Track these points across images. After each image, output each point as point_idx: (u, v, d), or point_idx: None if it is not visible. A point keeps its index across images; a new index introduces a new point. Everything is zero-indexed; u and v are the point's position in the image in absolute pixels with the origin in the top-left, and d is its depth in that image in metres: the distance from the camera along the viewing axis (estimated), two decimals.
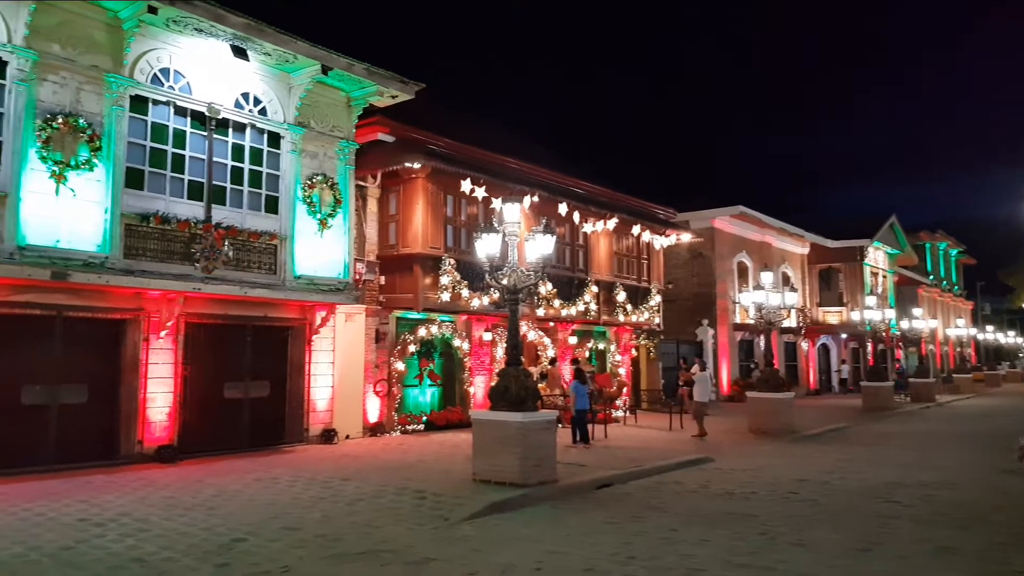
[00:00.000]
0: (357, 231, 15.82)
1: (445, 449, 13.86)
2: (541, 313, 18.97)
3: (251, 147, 13.89)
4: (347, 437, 15.21)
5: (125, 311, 12.22)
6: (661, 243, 23.82)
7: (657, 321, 23.77)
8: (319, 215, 14.59)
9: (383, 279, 16.38)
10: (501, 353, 18.13)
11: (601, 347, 22.43)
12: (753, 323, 20.73)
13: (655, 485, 10.94)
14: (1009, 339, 61.99)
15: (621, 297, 21.57)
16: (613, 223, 21.09)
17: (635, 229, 22.22)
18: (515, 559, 6.88)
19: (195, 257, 12.44)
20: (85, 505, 8.79)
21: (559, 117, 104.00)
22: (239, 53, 13.07)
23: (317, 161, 14.81)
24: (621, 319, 21.72)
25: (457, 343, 17.98)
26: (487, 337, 18.52)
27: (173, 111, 12.80)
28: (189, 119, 12.97)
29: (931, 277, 50.02)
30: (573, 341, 20.99)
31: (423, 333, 17.02)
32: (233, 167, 13.57)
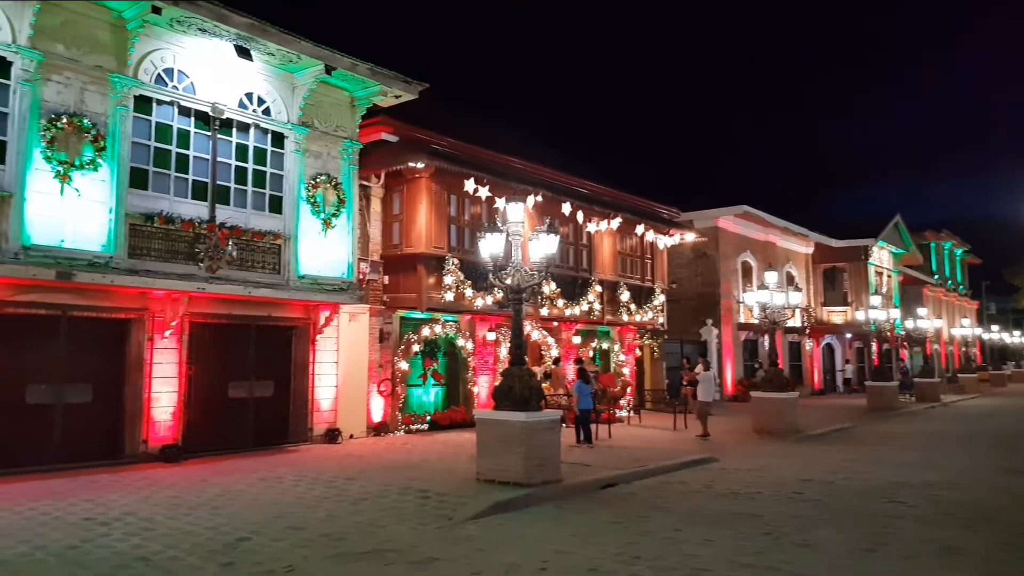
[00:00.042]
0: (361, 231, 15.82)
1: (449, 449, 13.86)
2: (545, 313, 18.96)
3: (255, 147, 13.91)
4: (351, 437, 15.22)
5: (130, 311, 12.25)
6: (665, 243, 23.79)
7: (661, 321, 23.75)
8: (323, 215, 14.60)
9: (387, 279, 16.40)
10: (505, 353, 18.12)
11: (605, 347, 22.41)
12: (757, 323, 20.73)
13: (659, 485, 10.92)
14: (1014, 339, 61.69)
15: (625, 297, 21.54)
16: (617, 223, 21.08)
17: (639, 229, 22.20)
18: (519, 559, 6.87)
19: (199, 257, 12.47)
20: (90, 504, 8.81)
21: (559, 117, 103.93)
22: (243, 53, 13.08)
23: (321, 161, 14.82)
24: (625, 319, 21.70)
25: (461, 343, 17.98)
26: (491, 337, 18.51)
27: (177, 111, 12.82)
28: (193, 119, 12.99)
29: (936, 277, 49.88)
30: (577, 341, 20.98)
31: (427, 333, 17.03)
32: (237, 167, 13.58)
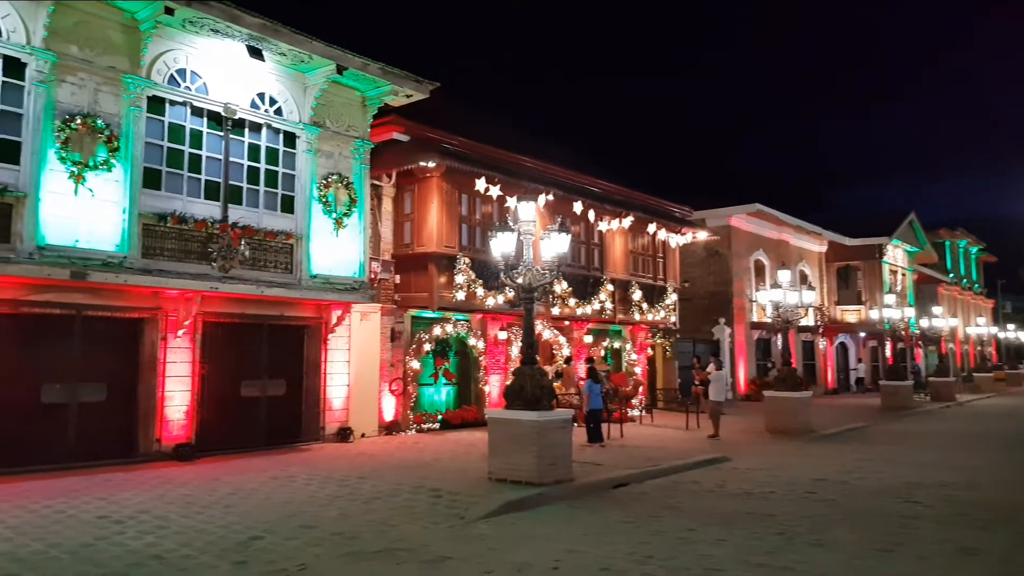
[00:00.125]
0: (372, 230, 15.85)
1: (460, 448, 13.86)
2: (556, 312, 18.92)
3: (267, 147, 13.96)
4: (363, 436, 15.24)
5: (143, 310, 12.32)
6: (677, 241, 23.70)
7: (673, 320, 23.66)
8: (334, 214, 14.64)
9: (398, 278, 16.41)
10: (516, 352, 18.11)
11: (617, 346, 22.34)
12: (770, 322, 20.59)
13: (672, 484, 10.87)
14: None
15: (637, 296, 21.47)
16: (629, 221, 21.02)
17: (651, 227, 22.13)
18: (531, 558, 6.85)
19: (212, 256, 12.53)
20: (104, 502, 8.86)
21: (559, 117, 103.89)
22: (255, 53, 13.13)
23: (332, 160, 14.85)
24: (637, 318, 21.63)
25: (472, 342, 17.98)
26: (502, 336, 18.50)
27: (190, 111, 12.88)
28: (206, 119, 13.05)
29: (951, 275, 49.42)
30: (588, 340, 20.94)
31: (438, 332, 17.04)
32: (249, 167, 13.64)
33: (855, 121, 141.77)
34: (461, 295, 16.19)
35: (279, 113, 14.10)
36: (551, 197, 17.81)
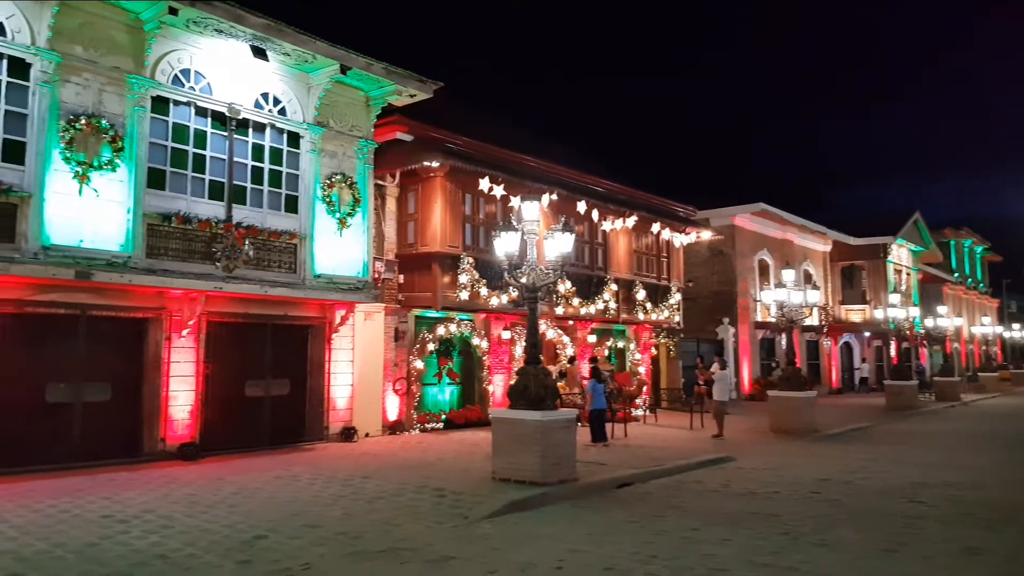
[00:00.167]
0: (376, 230, 15.86)
1: (464, 447, 13.86)
2: (560, 311, 18.91)
3: (271, 147, 13.97)
4: (367, 435, 15.25)
5: (147, 310, 12.34)
6: (681, 241, 23.66)
7: (677, 319, 23.63)
8: (338, 214, 14.65)
9: (402, 278, 16.42)
10: (520, 352, 18.12)
11: (620, 345, 22.33)
12: (774, 321, 20.55)
13: (676, 484, 10.86)
14: None
15: (641, 295, 21.44)
16: (632, 221, 20.99)
17: (655, 227, 22.10)
18: (535, 558, 6.85)
19: (216, 256, 12.54)
20: (109, 502, 8.88)
21: (561, 117, 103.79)
22: (259, 53, 13.14)
23: (336, 160, 14.87)
24: (641, 317, 21.60)
25: (476, 341, 17.98)
26: (506, 336, 18.50)
27: (194, 112, 12.90)
28: (210, 119, 13.07)
29: (956, 275, 49.28)
30: (592, 340, 20.92)
31: (442, 332, 17.04)
32: (253, 167, 13.66)
33: (855, 121, 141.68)
34: (465, 295, 16.19)
35: (283, 113, 14.11)
36: (555, 197, 17.79)
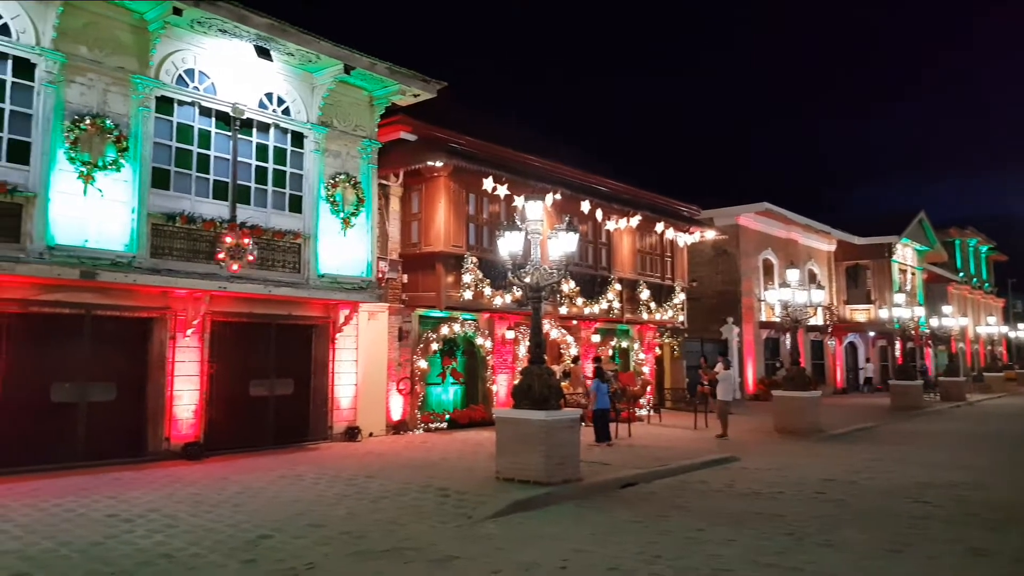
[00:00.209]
0: (380, 230, 15.86)
1: (468, 447, 13.86)
2: (564, 311, 18.91)
3: (275, 147, 13.99)
4: (370, 435, 15.26)
5: (152, 310, 12.36)
6: (685, 240, 23.64)
7: (681, 319, 23.61)
8: (342, 214, 14.66)
9: (406, 277, 16.42)
10: (524, 351, 18.11)
11: (624, 345, 22.31)
12: (779, 321, 20.51)
13: (680, 484, 10.84)
14: None
15: (645, 295, 21.43)
16: (636, 220, 20.96)
17: (659, 226, 22.07)
18: (539, 557, 6.84)
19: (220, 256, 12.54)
20: (113, 501, 8.89)
21: (561, 117, 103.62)
22: (263, 53, 13.16)
23: (340, 160, 14.88)
24: (645, 317, 21.59)
25: (480, 341, 17.98)
26: (509, 335, 18.49)
27: (198, 111, 12.92)
28: (214, 119, 13.09)
29: (961, 274, 49.17)
30: (596, 339, 20.89)
31: (446, 331, 17.05)
32: (257, 167, 13.68)
33: (855, 121, 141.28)
34: (468, 294, 16.19)
35: (287, 113, 14.13)
36: (559, 196, 17.79)
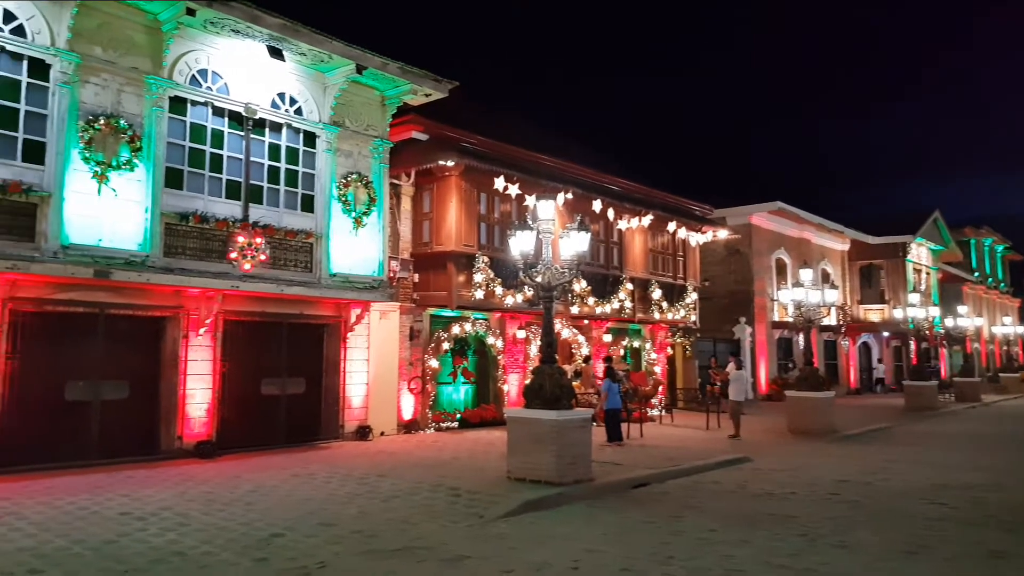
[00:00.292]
0: (391, 229, 15.88)
1: (479, 447, 13.85)
2: (575, 311, 18.86)
3: (287, 146, 14.03)
4: (382, 434, 15.28)
5: (165, 309, 12.42)
6: (697, 240, 23.54)
7: (693, 319, 23.50)
8: (354, 213, 14.68)
9: (417, 277, 16.43)
10: (535, 351, 18.08)
11: (636, 345, 22.24)
12: (792, 321, 20.39)
13: (693, 485, 10.79)
14: None
15: (656, 295, 21.35)
16: (648, 220, 20.88)
17: (671, 226, 21.99)
18: (551, 557, 6.82)
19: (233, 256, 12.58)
20: (126, 499, 8.94)
21: (561, 117, 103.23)
22: (275, 53, 13.20)
23: (352, 160, 14.90)
24: (656, 317, 21.51)
25: (491, 341, 17.96)
26: (521, 335, 18.47)
27: (211, 111, 12.98)
28: (227, 119, 13.14)
29: (976, 274, 48.68)
30: (608, 339, 20.83)
31: (457, 331, 17.04)
32: (270, 166, 13.72)
33: (855, 121, 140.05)
34: (480, 294, 16.18)
35: (299, 113, 14.16)
36: (570, 195, 17.74)
